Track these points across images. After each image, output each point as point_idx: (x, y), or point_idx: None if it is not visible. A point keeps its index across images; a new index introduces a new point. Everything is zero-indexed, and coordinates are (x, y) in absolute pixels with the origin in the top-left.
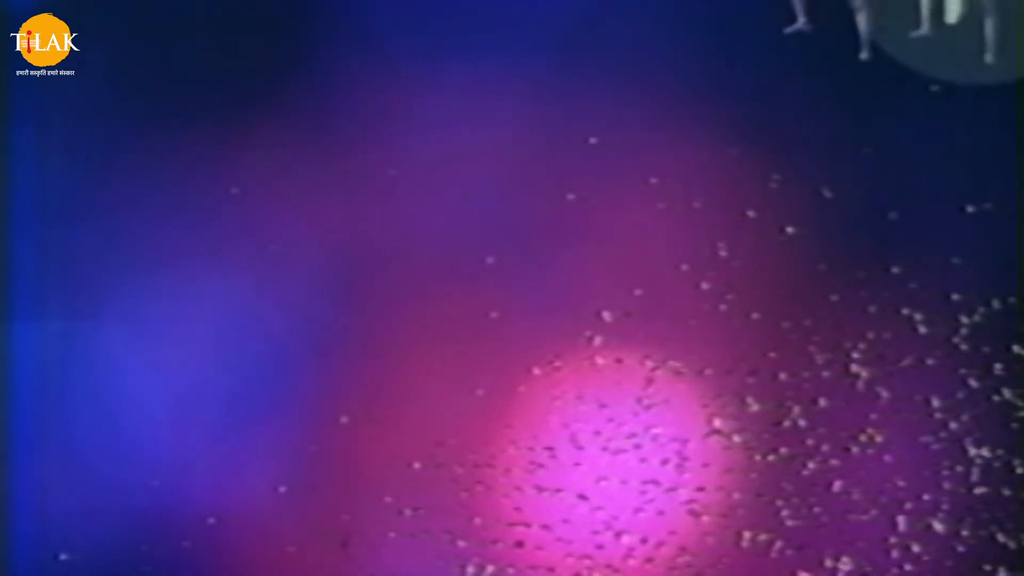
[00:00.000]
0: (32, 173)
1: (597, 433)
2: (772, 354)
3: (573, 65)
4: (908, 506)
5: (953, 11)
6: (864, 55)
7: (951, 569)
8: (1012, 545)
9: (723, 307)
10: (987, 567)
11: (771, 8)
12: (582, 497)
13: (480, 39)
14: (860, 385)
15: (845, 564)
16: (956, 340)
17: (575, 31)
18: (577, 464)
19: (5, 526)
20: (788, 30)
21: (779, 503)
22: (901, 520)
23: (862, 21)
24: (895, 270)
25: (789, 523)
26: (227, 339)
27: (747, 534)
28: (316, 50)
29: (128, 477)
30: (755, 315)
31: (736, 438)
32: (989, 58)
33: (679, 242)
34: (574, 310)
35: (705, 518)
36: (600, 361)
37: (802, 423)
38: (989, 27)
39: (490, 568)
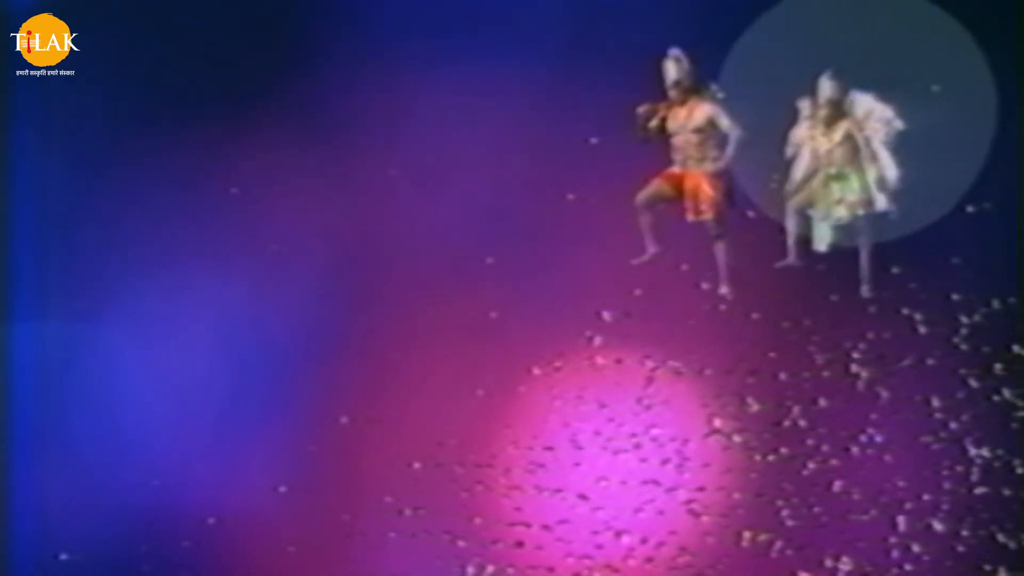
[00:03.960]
0: (32, 173)
1: (597, 433)
2: (772, 354)
3: (573, 66)
4: (908, 506)
5: (823, 239)
6: (724, 290)
7: (951, 569)
8: (1012, 545)
9: (723, 307)
10: (987, 567)
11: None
12: (582, 497)
13: (480, 41)
14: (860, 385)
15: (845, 564)
16: (956, 340)
17: (575, 33)
18: (577, 464)
19: (5, 526)
20: (635, 261)
21: (779, 503)
22: (901, 520)
23: (720, 251)
24: (895, 270)
25: (789, 523)
26: (227, 339)
27: (747, 534)
28: (316, 50)
29: (128, 477)
30: (755, 315)
31: (736, 438)
32: (866, 291)
33: (679, 242)
34: (574, 310)
35: (705, 518)
36: (600, 361)
37: (802, 423)
38: (864, 257)
39: (490, 568)
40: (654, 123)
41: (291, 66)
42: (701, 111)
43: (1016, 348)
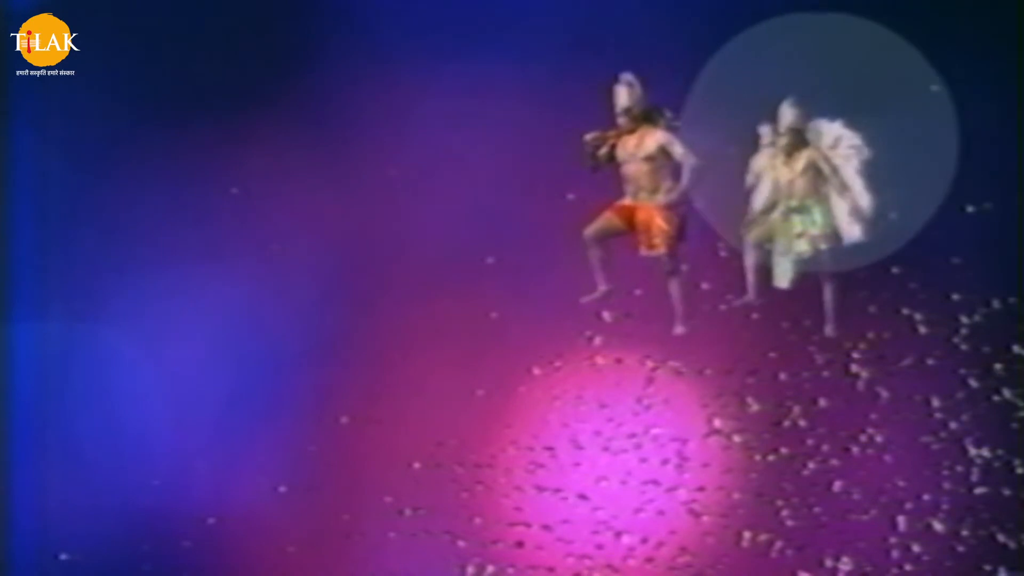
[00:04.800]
0: (32, 173)
1: (597, 433)
2: (772, 354)
3: (572, 67)
4: (908, 506)
5: (784, 275)
6: (679, 329)
7: (951, 569)
8: (1012, 545)
9: (723, 307)
10: (987, 567)
11: (768, 7)
12: (582, 497)
13: (480, 41)
14: (860, 385)
15: (845, 564)
16: (956, 340)
17: (575, 33)
18: (577, 464)
19: (5, 526)
20: (586, 299)
21: (779, 503)
22: (901, 520)
23: (674, 288)
24: (895, 270)
25: (789, 523)
26: (227, 339)
27: (747, 534)
28: (316, 50)
29: (128, 477)
30: (755, 315)
31: (736, 438)
32: (830, 330)
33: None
34: (574, 310)
35: (705, 518)
36: (600, 361)
37: (802, 423)
38: (828, 294)
39: (490, 568)
40: (603, 151)
41: (291, 66)
42: (652, 138)
43: (1016, 348)
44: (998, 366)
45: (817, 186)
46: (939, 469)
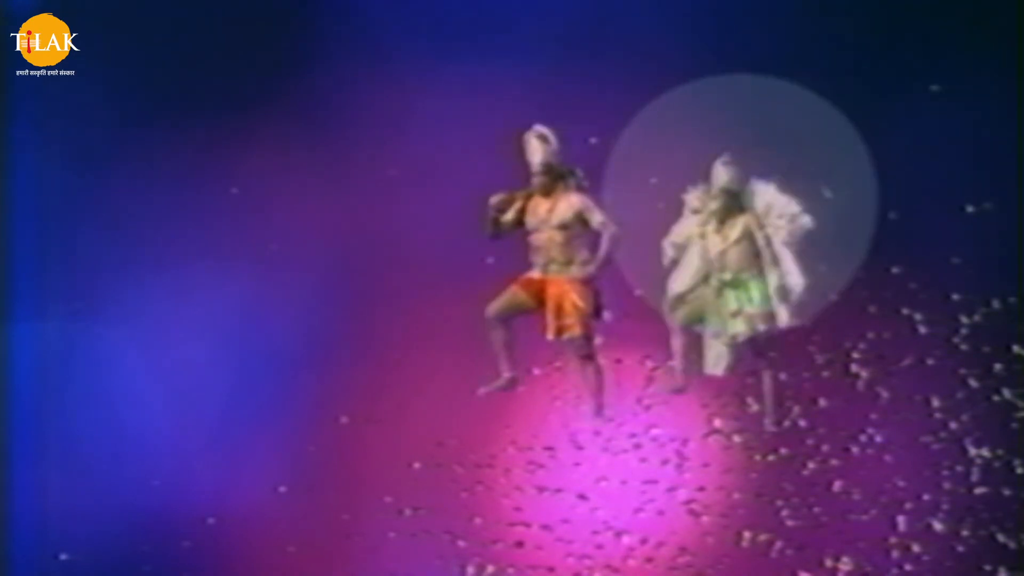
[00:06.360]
0: (32, 173)
1: (597, 433)
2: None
3: (573, 66)
4: (908, 506)
5: (719, 360)
6: (591, 420)
7: (951, 569)
8: (1012, 545)
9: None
10: (987, 567)
11: (769, 9)
12: (582, 497)
13: (480, 41)
14: (860, 385)
15: (845, 564)
16: (956, 340)
17: (575, 33)
18: (577, 464)
19: (5, 526)
20: (483, 390)
21: (779, 503)
22: (901, 520)
23: (590, 375)
24: (895, 270)
25: (789, 523)
26: (227, 339)
27: (747, 534)
28: (316, 50)
29: (128, 477)
30: None
31: (736, 438)
32: (769, 423)
33: None
34: None
35: (705, 518)
36: (600, 361)
37: (802, 423)
38: (768, 383)
39: (490, 568)
40: (509, 216)
41: (291, 66)
42: (567, 204)
43: (1016, 348)
44: (998, 366)
45: (754, 256)
46: (939, 469)
